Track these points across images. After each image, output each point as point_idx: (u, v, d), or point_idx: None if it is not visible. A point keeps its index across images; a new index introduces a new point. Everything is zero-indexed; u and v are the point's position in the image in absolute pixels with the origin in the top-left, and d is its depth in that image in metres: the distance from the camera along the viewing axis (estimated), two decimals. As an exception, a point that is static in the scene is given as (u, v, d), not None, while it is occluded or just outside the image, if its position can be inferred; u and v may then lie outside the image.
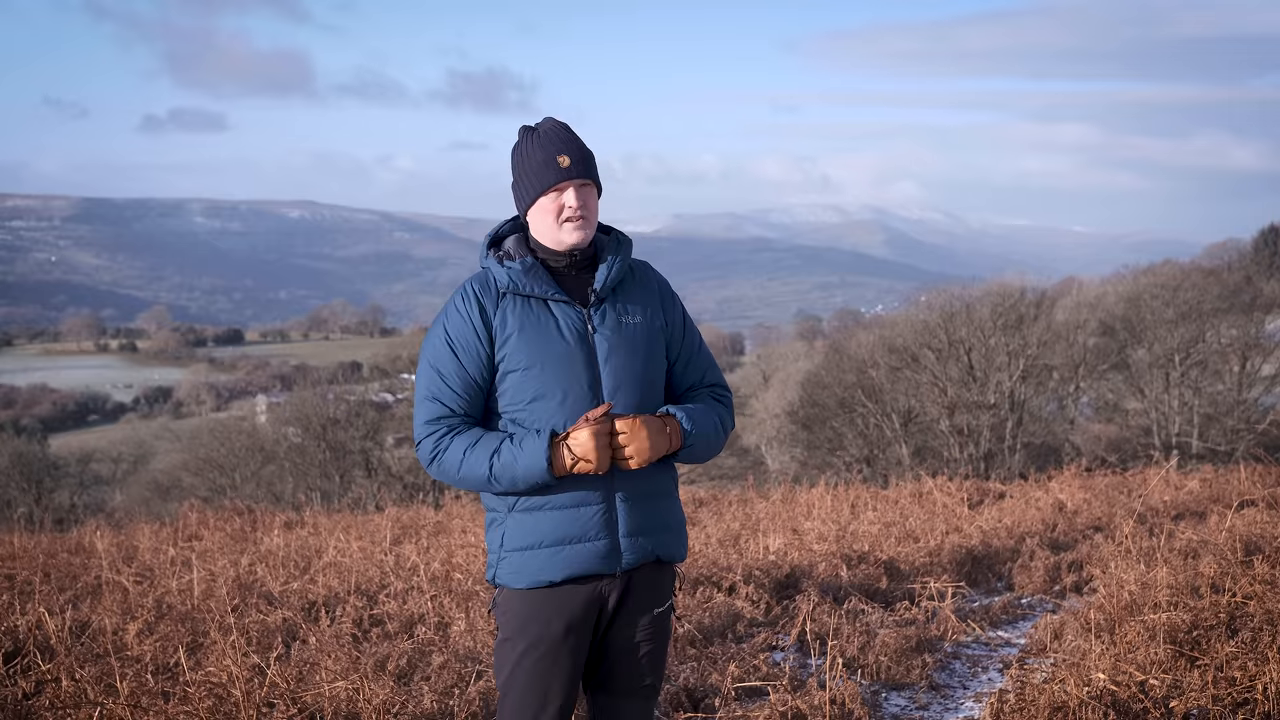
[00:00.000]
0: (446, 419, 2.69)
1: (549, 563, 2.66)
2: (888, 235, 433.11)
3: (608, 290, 2.74)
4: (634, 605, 2.76)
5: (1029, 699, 3.84)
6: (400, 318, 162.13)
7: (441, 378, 2.69)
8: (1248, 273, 42.21)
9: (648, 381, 2.74)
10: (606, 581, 2.71)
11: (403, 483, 26.22)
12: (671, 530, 2.79)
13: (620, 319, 2.73)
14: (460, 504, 10.79)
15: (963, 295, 29.98)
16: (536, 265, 2.71)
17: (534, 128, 2.75)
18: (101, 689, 3.95)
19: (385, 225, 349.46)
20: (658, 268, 2.94)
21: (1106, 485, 9.98)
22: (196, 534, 8.75)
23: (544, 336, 2.66)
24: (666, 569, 2.82)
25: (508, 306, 2.69)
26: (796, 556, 6.53)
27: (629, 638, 2.76)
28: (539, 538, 2.67)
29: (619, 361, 2.69)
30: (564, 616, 2.68)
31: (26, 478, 28.51)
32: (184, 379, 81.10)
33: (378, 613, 5.37)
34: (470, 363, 2.69)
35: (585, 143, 2.75)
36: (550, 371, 2.65)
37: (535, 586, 2.68)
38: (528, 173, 2.71)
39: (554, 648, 2.68)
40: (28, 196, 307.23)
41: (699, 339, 2.91)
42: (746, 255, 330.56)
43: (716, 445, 2.81)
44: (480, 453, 2.62)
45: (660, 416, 2.70)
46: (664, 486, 2.78)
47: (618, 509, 2.68)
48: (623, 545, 2.69)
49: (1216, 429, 27.96)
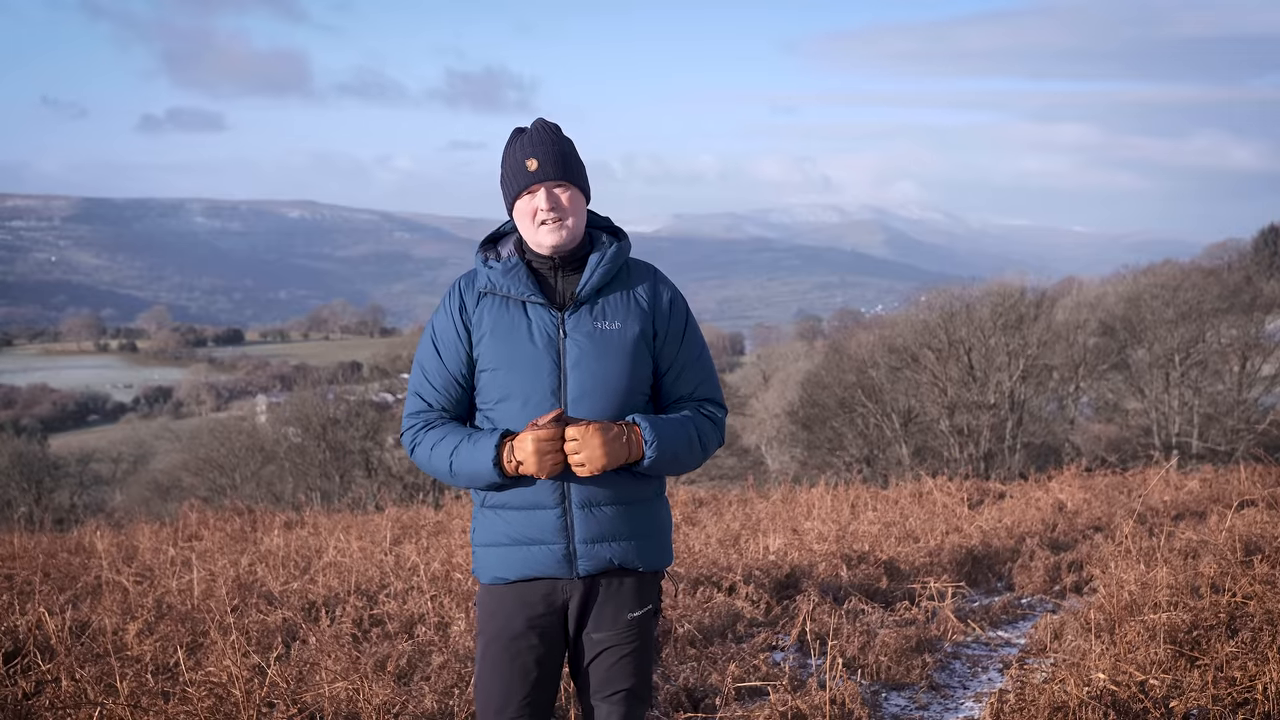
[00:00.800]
0: (424, 413, 2.74)
1: (505, 561, 2.70)
2: (888, 235, 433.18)
3: (589, 293, 2.70)
4: (605, 609, 2.72)
5: (1029, 699, 3.84)
6: (400, 318, 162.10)
7: (424, 373, 2.75)
8: (1248, 273, 42.18)
9: (623, 390, 2.67)
10: (565, 584, 2.70)
11: (403, 483, 26.20)
12: (640, 538, 2.72)
13: (596, 324, 2.67)
14: (460, 504, 10.78)
15: (963, 295, 29.95)
16: (519, 266, 2.70)
17: (523, 130, 2.74)
18: (101, 689, 3.95)
19: (385, 225, 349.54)
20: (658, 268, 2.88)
21: (1106, 485, 9.98)
22: (196, 534, 8.76)
23: (513, 339, 2.67)
24: (643, 575, 2.76)
25: (486, 306, 2.71)
26: (796, 556, 6.53)
27: (603, 641, 2.73)
28: (500, 535, 2.71)
29: (589, 367, 2.65)
30: (524, 612, 2.70)
31: (26, 478, 28.51)
32: (184, 379, 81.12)
33: (378, 613, 5.37)
34: (451, 359, 2.72)
35: (569, 143, 2.72)
36: (515, 374, 2.66)
37: (496, 582, 2.73)
38: (505, 176, 2.73)
39: (514, 642, 2.70)
40: (28, 196, 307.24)
41: (699, 352, 2.80)
42: (746, 255, 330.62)
43: (689, 459, 2.71)
44: (444, 449, 2.67)
45: (620, 424, 2.62)
46: (635, 494, 2.70)
47: (574, 515, 2.66)
48: (579, 551, 2.67)
49: (1216, 429, 27.94)
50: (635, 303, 2.73)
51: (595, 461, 2.57)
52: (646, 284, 2.77)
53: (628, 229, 2.88)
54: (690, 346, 2.79)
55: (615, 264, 2.73)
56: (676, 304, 2.79)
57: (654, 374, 2.77)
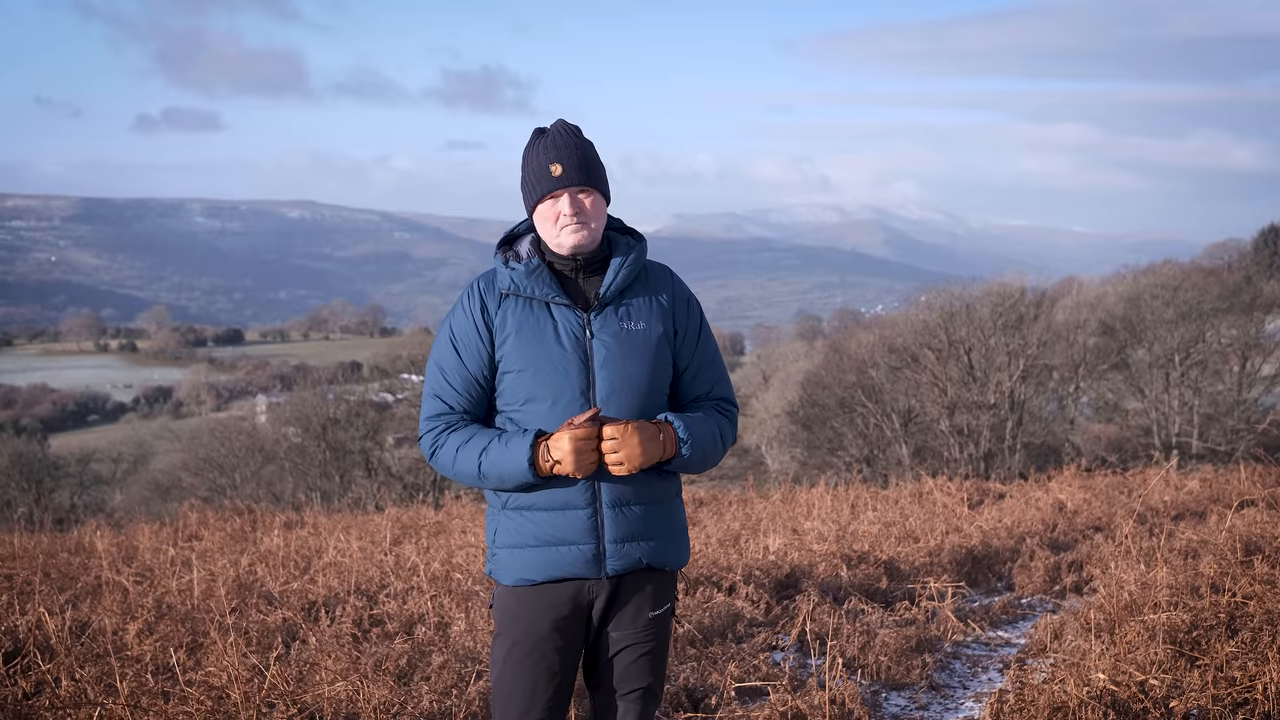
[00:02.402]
0: (445, 415, 2.73)
1: (532, 562, 2.69)
2: (888, 235, 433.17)
3: (613, 294, 2.71)
4: (626, 608, 2.74)
5: (1029, 699, 3.84)
6: (400, 318, 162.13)
7: (444, 375, 2.73)
8: (1248, 273, 42.19)
9: (648, 389, 2.70)
10: (593, 584, 2.70)
11: (403, 483, 26.21)
12: (666, 538, 2.75)
13: (621, 324, 2.69)
14: (460, 504, 10.79)
15: (963, 295, 29.92)
16: (541, 267, 2.70)
17: (544, 131, 2.73)
18: (101, 689, 3.95)
19: (385, 225, 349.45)
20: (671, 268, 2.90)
21: (1106, 485, 9.99)
22: (196, 534, 8.76)
23: (539, 340, 2.66)
24: (664, 574, 2.79)
25: (509, 307, 2.70)
26: (796, 556, 6.53)
27: (623, 639, 2.75)
28: (526, 537, 2.69)
29: (616, 367, 2.66)
30: (550, 614, 2.69)
31: (26, 478, 28.51)
32: (184, 379, 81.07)
33: (378, 613, 5.37)
34: (471, 361, 2.71)
35: (591, 147, 2.72)
36: (542, 375, 2.65)
37: (520, 584, 2.71)
38: (528, 179, 2.72)
39: (540, 644, 2.69)
40: (28, 196, 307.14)
41: (713, 352, 2.85)
42: (746, 255, 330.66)
43: (714, 457, 2.75)
44: (471, 450, 2.66)
45: (655, 423, 2.65)
46: (660, 493, 2.74)
47: (604, 515, 2.67)
48: (608, 551, 2.67)
49: (1216, 429, 27.94)
50: (657, 303, 2.75)
51: (633, 460, 2.59)
52: (666, 285, 2.79)
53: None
54: (706, 346, 2.83)
55: (638, 266, 2.75)
56: (693, 304, 2.83)
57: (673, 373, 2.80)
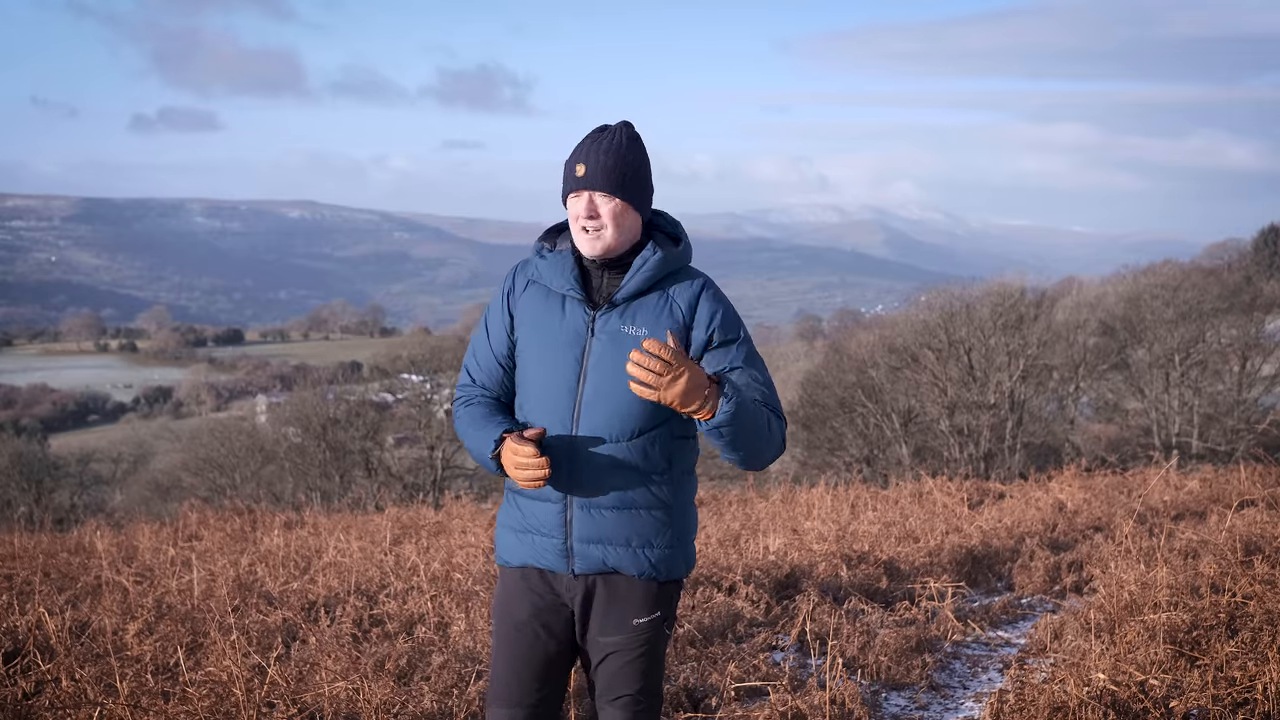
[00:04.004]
0: (468, 387, 2.83)
1: (512, 546, 2.76)
2: (887, 235, 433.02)
3: (624, 297, 2.66)
4: (608, 612, 2.69)
5: (1029, 699, 3.84)
6: (400, 318, 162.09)
7: (473, 350, 2.83)
8: (1248, 273, 42.18)
9: (639, 398, 2.55)
10: (567, 580, 2.71)
11: (403, 483, 26.22)
12: (640, 546, 2.65)
13: (622, 328, 2.64)
14: (460, 504, 10.79)
15: (963, 295, 29.91)
16: (567, 260, 2.71)
17: (604, 129, 2.68)
18: (101, 689, 3.95)
19: (384, 225, 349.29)
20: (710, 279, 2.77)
21: (1106, 485, 9.99)
22: (196, 534, 8.76)
23: (546, 331, 2.69)
24: (646, 582, 2.69)
25: (530, 295, 2.75)
26: (796, 556, 6.53)
27: (608, 644, 2.70)
28: (513, 520, 2.76)
29: (607, 370, 2.62)
30: (529, 599, 2.73)
31: (26, 478, 28.51)
32: (184, 379, 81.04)
33: (378, 613, 5.37)
34: (496, 341, 2.78)
35: (631, 155, 2.64)
36: (539, 365, 2.69)
37: (504, 565, 2.79)
38: (563, 172, 2.73)
39: (519, 628, 2.72)
40: (28, 196, 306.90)
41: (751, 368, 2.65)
42: (746, 255, 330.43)
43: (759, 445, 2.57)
44: (463, 428, 2.75)
45: (710, 378, 2.50)
46: (641, 500, 2.64)
47: (574, 513, 2.66)
48: (575, 549, 2.67)
49: (1216, 429, 27.94)
50: (669, 313, 2.66)
51: (668, 392, 2.44)
52: (688, 295, 2.68)
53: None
54: (737, 361, 2.65)
55: (656, 271, 2.66)
56: (723, 318, 2.67)
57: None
